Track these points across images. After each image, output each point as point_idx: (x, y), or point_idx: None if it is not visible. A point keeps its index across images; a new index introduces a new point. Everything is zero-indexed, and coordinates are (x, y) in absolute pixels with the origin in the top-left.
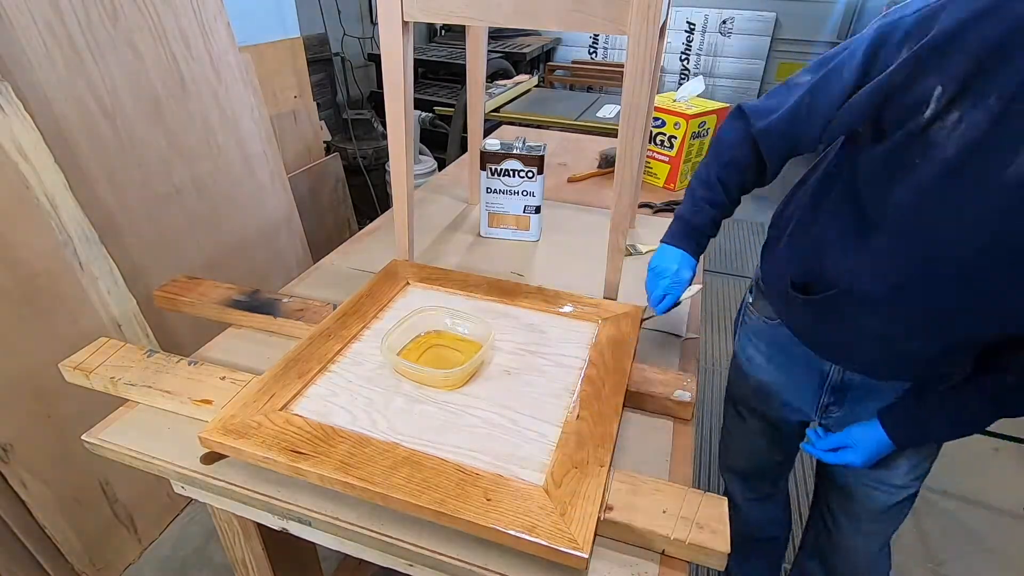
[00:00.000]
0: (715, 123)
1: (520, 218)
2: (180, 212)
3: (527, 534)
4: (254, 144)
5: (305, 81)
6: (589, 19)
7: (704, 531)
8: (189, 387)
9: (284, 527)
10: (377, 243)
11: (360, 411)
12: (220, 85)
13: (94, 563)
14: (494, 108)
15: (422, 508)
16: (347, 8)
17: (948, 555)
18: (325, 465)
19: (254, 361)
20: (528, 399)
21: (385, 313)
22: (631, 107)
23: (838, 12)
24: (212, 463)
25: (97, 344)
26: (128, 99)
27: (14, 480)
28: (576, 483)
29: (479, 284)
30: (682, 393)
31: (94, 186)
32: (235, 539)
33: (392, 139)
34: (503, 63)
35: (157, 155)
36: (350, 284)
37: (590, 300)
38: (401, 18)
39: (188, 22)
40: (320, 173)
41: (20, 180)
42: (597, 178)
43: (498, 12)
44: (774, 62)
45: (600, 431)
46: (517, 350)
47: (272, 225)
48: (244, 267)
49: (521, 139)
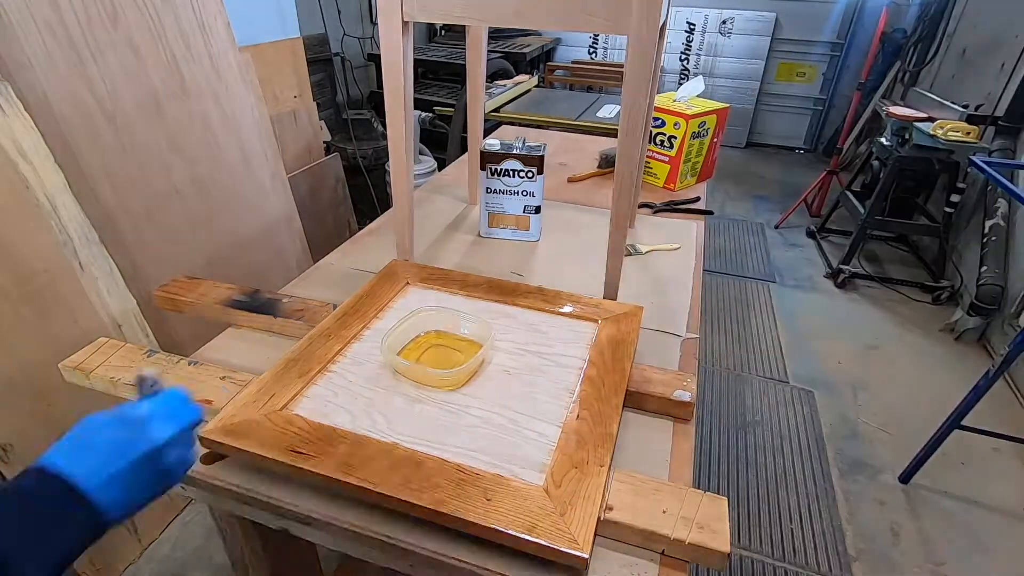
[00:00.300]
0: (715, 123)
1: (520, 218)
2: (180, 212)
3: (527, 534)
4: (254, 144)
5: (305, 81)
6: (589, 19)
7: (704, 531)
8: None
9: (284, 527)
10: (377, 243)
11: (360, 411)
12: (220, 85)
13: (94, 563)
14: (494, 108)
15: (422, 508)
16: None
17: (948, 555)
18: (325, 465)
19: (254, 361)
20: (528, 399)
21: (385, 313)
22: (631, 107)
23: (838, 12)
24: (212, 463)
25: (97, 344)
26: (128, 99)
27: None
28: (576, 483)
29: (479, 284)
30: (682, 393)
31: (94, 186)
32: (235, 539)
33: (392, 139)
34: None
35: (157, 155)
36: (350, 284)
37: (590, 300)
38: (401, 18)
39: (188, 22)
40: (320, 173)
41: (20, 180)
42: (597, 178)
43: (498, 12)
44: (774, 62)
45: (600, 431)
46: (517, 350)
47: (272, 225)
48: (244, 267)
49: (521, 139)
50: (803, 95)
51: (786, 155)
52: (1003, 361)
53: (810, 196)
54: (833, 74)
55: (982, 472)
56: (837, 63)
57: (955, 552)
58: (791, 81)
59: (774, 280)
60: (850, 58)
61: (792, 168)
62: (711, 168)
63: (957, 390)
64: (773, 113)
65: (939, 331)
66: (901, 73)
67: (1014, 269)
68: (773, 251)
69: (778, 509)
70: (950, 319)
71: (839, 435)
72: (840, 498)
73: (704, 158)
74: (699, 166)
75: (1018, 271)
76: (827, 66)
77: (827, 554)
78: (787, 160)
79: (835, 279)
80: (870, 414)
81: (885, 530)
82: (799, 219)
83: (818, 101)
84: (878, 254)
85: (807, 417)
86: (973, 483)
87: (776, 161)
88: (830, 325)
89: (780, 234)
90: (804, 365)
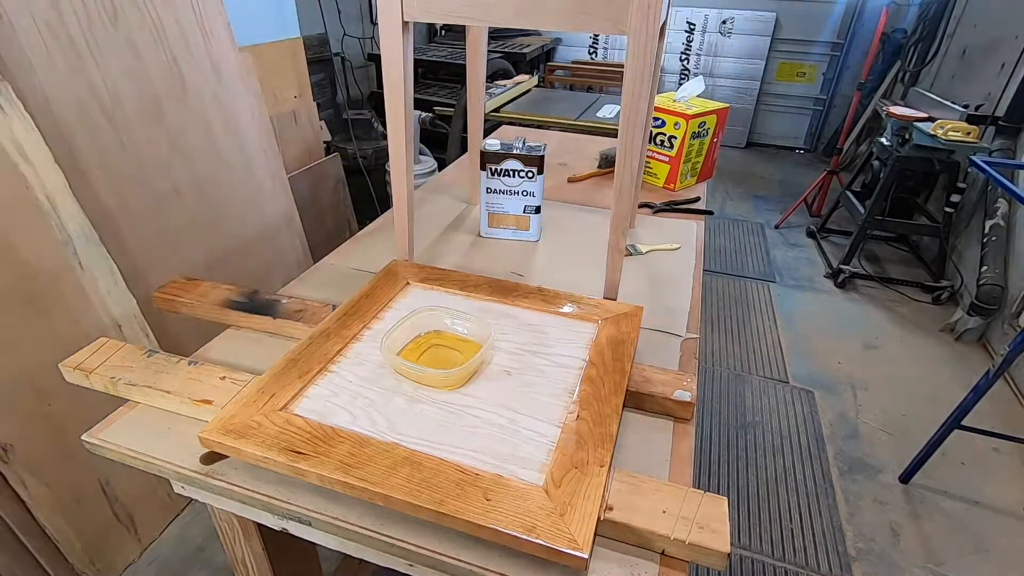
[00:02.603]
0: (715, 123)
1: (520, 218)
2: (180, 212)
3: (527, 534)
4: (254, 144)
5: (305, 81)
6: (589, 19)
7: (704, 531)
8: (189, 387)
9: (284, 527)
10: (377, 243)
11: (360, 411)
12: (220, 85)
13: (94, 563)
14: (494, 108)
15: (422, 508)
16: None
17: (948, 555)
18: (325, 465)
19: (254, 361)
20: (528, 399)
21: (385, 313)
22: (631, 107)
23: (838, 12)
24: (212, 463)
25: (97, 344)
26: (128, 99)
27: (14, 480)
28: (576, 483)
29: (479, 284)
30: (682, 393)
31: (94, 186)
32: (235, 539)
33: (392, 139)
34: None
35: (157, 155)
36: (350, 284)
37: (590, 300)
38: (401, 18)
39: (188, 22)
40: (320, 173)
41: (20, 180)
42: (597, 178)
43: (498, 12)
44: (774, 62)
45: (600, 431)
46: (517, 350)
47: (272, 225)
48: (244, 267)
49: (521, 139)
50: (803, 95)
51: (786, 155)
52: (1003, 361)
53: (810, 196)
54: (833, 74)
55: (982, 472)
56: (837, 63)
57: (955, 552)
58: (791, 81)
59: (774, 280)
60: (850, 58)
61: (792, 168)
62: (711, 168)
63: (957, 390)
64: (773, 113)
65: (939, 331)
66: (901, 73)
67: (1014, 269)
68: (773, 251)
69: (778, 509)
70: (950, 319)
71: (839, 435)
72: (840, 498)
73: (704, 158)
74: (699, 166)
75: (1018, 271)
76: (827, 66)
77: (827, 554)
78: (787, 160)
79: (835, 279)
80: (870, 414)
81: (885, 530)
82: (799, 219)
83: (818, 101)
84: (878, 254)
85: (807, 417)
86: (973, 483)
87: (776, 161)
88: (830, 325)
89: (780, 234)
90: (804, 365)
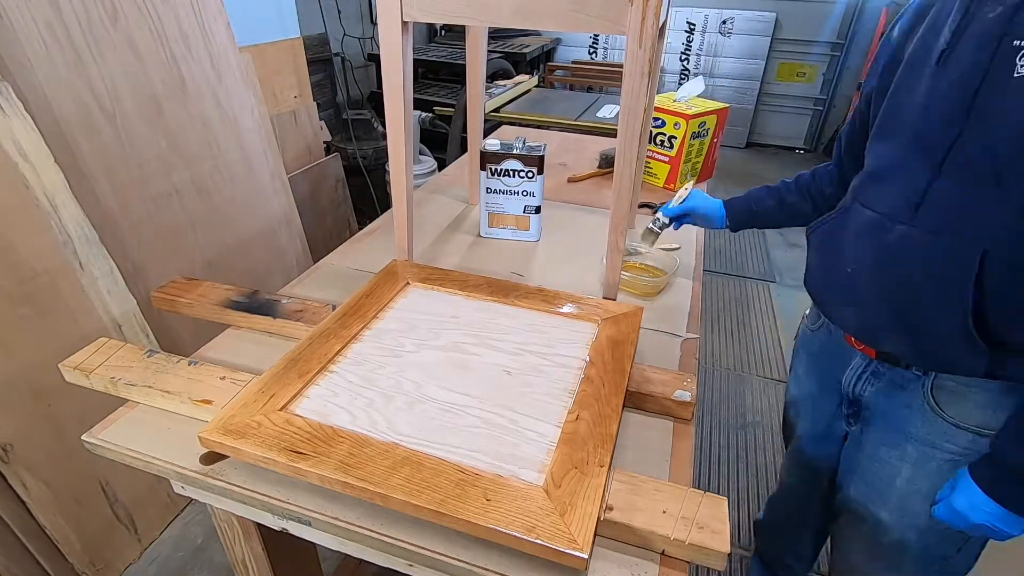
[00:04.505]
0: (715, 123)
1: (520, 218)
2: (180, 212)
3: (527, 534)
4: (254, 144)
5: (305, 81)
6: (589, 19)
7: (704, 531)
8: (189, 387)
9: (284, 527)
10: (377, 243)
11: (360, 411)
12: (220, 85)
13: (94, 563)
14: (494, 108)
15: (422, 508)
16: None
17: None
18: (325, 465)
19: (254, 361)
20: (528, 399)
21: (385, 313)
22: (630, 107)
23: (838, 12)
24: (212, 463)
25: (97, 344)
26: (128, 99)
27: (14, 480)
28: (576, 483)
29: (479, 284)
30: (682, 393)
31: (94, 186)
32: (235, 539)
33: (392, 139)
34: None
35: (157, 155)
36: (350, 284)
37: (590, 300)
38: (401, 18)
39: (188, 22)
40: (320, 173)
41: (20, 180)
42: (597, 178)
43: (498, 12)
44: (774, 62)
45: (600, 431)
46: (517, 350)
47: (272, 225)
48: (244, 267)
49: (521, 139)
50: (803, 95)
51: (786, 155)
52: None
53: None
54: (833, 74)
55: None
56: (837, 63)
57: None
58: (791, 81)
59: (774, 280)
60: (850, 58)
61: (792, 168)
62: (711, 168)
63: None
64: (773, 113)
65: None
66: None
67: None
68: (773, 251)
69: None
70: None
71: None
72: None
73: (704, 158)
74: (699, 166)
75: None
76: (827, 66)
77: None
78: (787, 160)
79: None
80: None
81: None
82: None
83: (818, 101)
84: None
85: None
86: None
87: (776, 161)
88: None
89: (780, 234)
90: None
